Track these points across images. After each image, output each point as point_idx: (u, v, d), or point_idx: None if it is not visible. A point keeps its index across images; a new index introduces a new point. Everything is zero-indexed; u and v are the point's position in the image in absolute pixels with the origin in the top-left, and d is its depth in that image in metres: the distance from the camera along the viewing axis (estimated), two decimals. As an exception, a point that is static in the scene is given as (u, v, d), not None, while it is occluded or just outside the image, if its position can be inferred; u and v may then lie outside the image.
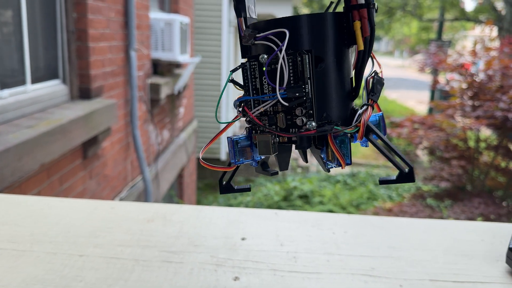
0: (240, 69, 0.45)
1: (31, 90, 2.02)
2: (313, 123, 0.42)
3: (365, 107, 0.44)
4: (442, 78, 5.29)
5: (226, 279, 0.58)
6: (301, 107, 0.43)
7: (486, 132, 4.56)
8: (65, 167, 2.12)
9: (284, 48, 0.42)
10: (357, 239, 0.70)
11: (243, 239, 0.69)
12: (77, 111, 2.12)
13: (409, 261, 0.64)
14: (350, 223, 0.76)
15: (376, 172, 7.35)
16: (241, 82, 0.46)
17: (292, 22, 0.43)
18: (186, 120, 4.83)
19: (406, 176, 0.44)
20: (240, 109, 0.46)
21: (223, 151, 7.18)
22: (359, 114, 0.44)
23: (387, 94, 13.63)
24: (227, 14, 6.71)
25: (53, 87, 2.22)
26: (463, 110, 4.24)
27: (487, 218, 3.75)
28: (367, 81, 0.46)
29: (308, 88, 0.42)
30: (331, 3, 0.48)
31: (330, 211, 5.17)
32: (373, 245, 0.69)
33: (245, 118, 0.46)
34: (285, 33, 0.42)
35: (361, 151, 9.83)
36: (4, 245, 0.65)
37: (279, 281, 0.58)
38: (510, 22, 9.34)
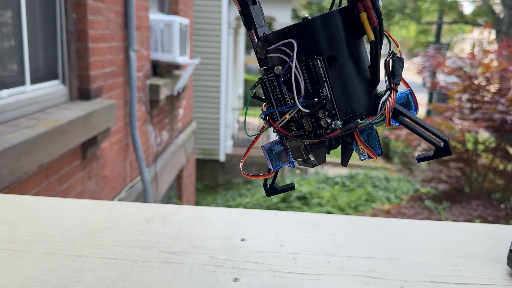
0: (260, 83, 0.46)
1: (30, 91, 2.02)
2: (338, 122, 0.43)
3: (388, 92, 0.45)
4: (441, 81, 5.29)
5: (225, 280, 0.58)
6: (323, 110, 0.44)
7: (484, 135, 4.57)
8: (64, 167, 2.11)
9: (294, 58, 0.42)
10: (357, 241, 0.70)
11: (242, 240, 0.68)
12: (76, 112, 2.11)
13: (409, 262, 0.64)
14: (350, 224, 0.76)
15: (374, 174, 7.35)
16: (262, 95, 0.47)
17: (299, 29, 0.43)
18: (185, 121, 4.83)
19: (442, 150, 0.44)
20: (266, 121, 0.47)
21: (222, 153, 7.18)
22: (382, 102, 0.44)
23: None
24: (227, 15, 6.72)
25: (53, 88, 2.21)
26: (461, 113, 4.25)
27: (485, 220, 3.75)
28: (386, 64, 0.46)
29: (326, 90, 0.43)
30: (334, 0, 0.48)
31: (329, 212, 5.16)
32: (373, 246, 0.68)
33: (273, 130, 0.48)
34: (293, 43, 0.42)
35: (359, 153, 9.83)
36: (2, 245, 0.65)
37: (279, 282, 0.58)
38: (508, 25, 9.36)
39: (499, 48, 4.57)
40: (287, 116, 0.45)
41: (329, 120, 0.44)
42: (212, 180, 7.36)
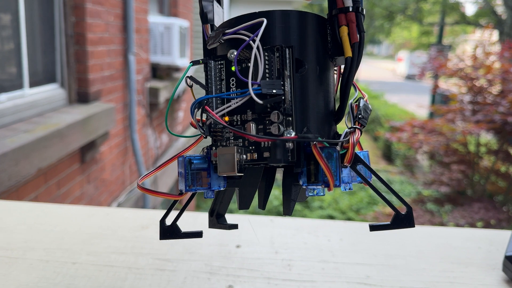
0: (204, 66, 0.39)
1: (29, 94, 2.02)
2: (292, 132, 0.35)
3: (352, 129, 0.39)
4: (442, 83, 5.29)
5: (219, 287, 0.58)
6: (278, 111, 0.35)
7: (486, 137, 4.56)
8: (62, 171, 2.11)
9: (259, 36, 0.35)
10: (353, 247, 0.70)
11: (238, 246, 0.68)
12: (75, 115, 2.12)
13: (405, 269, 0.64)
14: (346, 230, 0.75)
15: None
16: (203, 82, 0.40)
17: (267, 17, 0.37)
18: (185, 124, 4.83)
19: (403, 220, 0.38)
20: (199, 111, 0.39)
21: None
22: (346, 132, 0.38)
23: (388, 98, 13.63)
24: (227, 18, 6.72)
25: (51, 91, 2.21)
26: (463, 115, 4.24)
27: (487, 223, 3.74)
28: (351, 107, 0.41)
29: (288, 87, 0.36)
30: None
31: (330, 216, 5.16)
32: (369, 252, 0.68)
33: (205, 122, 0.39)
34: (261, 23, 0.36)
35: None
36: (-4, 253, 0.64)
37: (273, 290, 0.58)
38: (510, 26, 9.35)
39: (501, 50, 4.56)
40: (226, 111, 0.37)
41: (281, 128, 0.35)
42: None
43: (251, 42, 0.36)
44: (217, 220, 0.43)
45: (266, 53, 0.36)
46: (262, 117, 0.36)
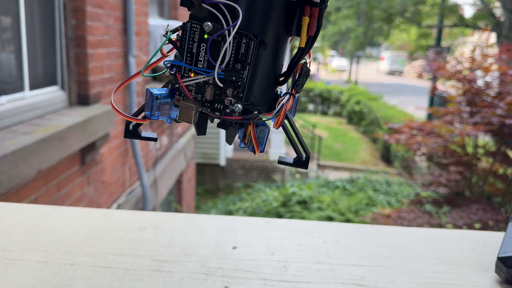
0: (181, 29, 0.44)
1: (29, 97, 2.03)
2: (239, 106, 0.43)
3: (288, 96, 0.45)
4: (440, 85, 5.30)
5: (215, 288, 0.58)
6: (233, 90, 0.43)
7: (484, 139, 4.57)
8: (62, 173, 2.12)
9: (235, 29, 0.40)
10: (348, 248, 0.70)
11: (234, 248, 0.69)
12: (75, 118, 2.12)
13: (399, 270, 0.64)
14: (341, 232, 0.76)
15: (375, 178, 7.34)
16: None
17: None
18: (185, 125, 4.83)
19: (302, 162, 0.47)
20: (172, 72, 0.45)
21: (222, 157, 7.18)
22: (282, 104, 0.45)
23: (387, 100, 13.65)
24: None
25: (51, 94, 2.22)
26: (461, 117, 4.25)
27: (485, 225, 3.74)
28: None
29: (246, 73, 0.42)
30: None
31: (329, 217, 5.16)
32: (364, 254, 0.69)
33: (172, 83, 0.45)
34: (238, 10, 0.40)
35: (360, 156, 9.84)
36: (-4, 254, 0.65)
37: (269, 291, 0.58)
38: (508, 28, 9.37)
39: (499, 52, 4.58)
40: (196, 80, 0.43)
41: (233, 100, 0.43)
42: (212, 185, 7.37)
43: (226, 31, 0.41)
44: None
45: (236, 37, 0.41)
46: (221, 87, 0.43)
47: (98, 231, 0.73)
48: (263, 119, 0.44)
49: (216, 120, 0.47)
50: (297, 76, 0.46)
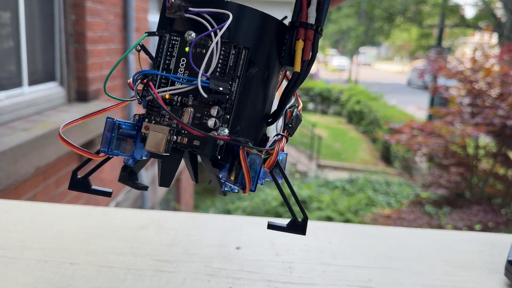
0: (157, 37, 0.38)
1: (28, 93, 2.01)
2: (226, 130, 0.36)
3: (280, 136, 0.40)
4: (441, 85, 5.29)
5: (219, 289, 0.57)
6: (219, 107, 0.36)
7: (485, 139, 4.56)
8: (61, 170, 2.11)
9: (222, 31, 0.36)
10: (354, 249, 0.69)
11: (238, 248, 0.68)
12: (74, 114, 2.11)
13: (406, 272, 0.63)
14: (347, 233, 0.75)
15: (374, 178, 7.34)
16: (153, 54, 0.39)
17: (235, 9, 0.37)
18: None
19: (298, 226, 0.41)
20: (141, 84, 0.38)
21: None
22: (274, 140, 0.39)
23: (387, 99, 13.65)
24: (227, 18, 6.72)
25: (50, 90, 2.21)
26: (462, 117, 4.24)
27: (485, 226, 3.74)
28: (286, 113, 0.42)
29: (234, 88, 0.37)
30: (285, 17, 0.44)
31: (328, 217, 5.16)
32: (370, 255, 0.67)
33: (142, 99, 0.38)
34: (226, 16, 0.36)
35: (360, 156, 9.83)
36: (-6, 252, 0.64)
37: (274, 292, 0.57)
38: (510, 29, 9.37)
39: (500, 53, 4.57)
40: (168, 95, 0.37)
41: (218, 123, 0.36)
42: (211, 183, 7.34)
43: (212, 34, 0.36)
44: (129, 177, 0.43)
45: (223, 47, 0.36)
46: (202, 107, 0.37)
47: (98, 230, 0.72)
48: (256, 147, 0.38)
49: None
50: (288, 118, 0.41)
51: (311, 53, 0.39)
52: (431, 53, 5.95)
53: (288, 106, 0.42)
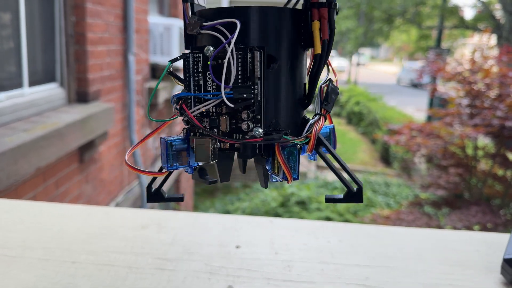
0: (182, 60, 0.41)
1: (28, 93, 2.02)
2: (260, 130, 0.38)
3: (317, 117, 0.41)
4: (441, 86, 5.30)
5: (219, 287, 0.58)
6: (248, 111, 0.38)
7: (484, 140, 4.57)
8: (61, 171, 2.11)
9: (233, 41, 0.37)
10: (353, 248, 0.70)
11: (237, 247, 0.68)
12: (74, 115, 2.11)
13: (404, 271, 0.64)
14: (345, 232, 0.76)
15: (374, 179, 7.34)
16: (182, 76, 0.41)
17: (244, 13, 0.38)
18: (184, 125, 4.82)
19: (353, 195, 0.41)
20: (178, 106, 0.41)
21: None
22: (310, 124, 0.41)
23: (386, 100, 13.65)
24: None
25: (51, 91, 2.21)
26: (460, 118, 4.25)
27: (484, 227, 3.74)
28: (321, 89, 0.42)
29: (258, 89, 0.38)
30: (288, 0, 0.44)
31: (328, 217, 5.16)
32: (368, 254, 0.68)
33: (182, 118, 0.41)
34: (235, 24, 0.37)
35: (359, 157, 9.84)
36: (-4, 251, 0.64)
37: (273, 291, 0.58)
38: (508, 30, 9.38)
39: (499, 54, 4.57)
40: (203, 110, 0.39)
41: (251, 125, 0.38)
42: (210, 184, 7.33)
43: (226, 45, 0.37)
44: (200, 174, 0.45)
45: (240, 53, 0.38)
46: (234, 112, 0.39)
47: (99, 229, 0.73)
48: (289, 139, 0.39)
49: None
50: (324, 94, 0.42)
51: (329, 31, 0.40)
52: (430, 54, 5.95)
53: (322, 82, 0.43)
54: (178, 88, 3.96)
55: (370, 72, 31.48)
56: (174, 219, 0.78)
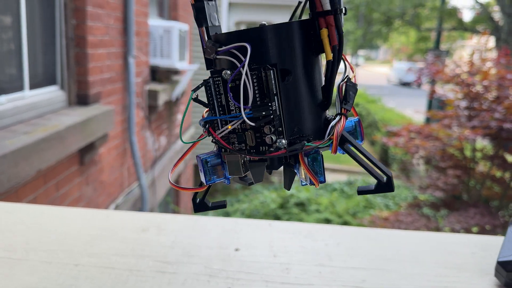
0: (204, 86, 0.43)
1: (29, 96, 2.03)
2: (283, 141, 0.41)
3: (338, 117, 0.43)
4: (439, 88, 5.32)
5: (219, 290, 0.59)
6: (269, 125, 0.41)
7: (482, 142, 4.58)
8: (61, 173, 2.12)
9: (246, 64, 0.39)
10: (350, 251, 0.71)
11: (236, 249, 0.69)
12: (75, 117, 2.13)
13: (400, 273, 0.65)
14: (343, 235, 0.77)
15: (373, 181, 7.35)
16: (205, 100, 0.44)
17: (255, 33, 0.40)
18: (183, 126, 4.83)
19: (384, 186, 0.43)
20: (206, 129, 0.44)
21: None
22: (331, 127, 0.42)
23: (385, 102, 13.67)
24: (226, 21, 6.74)
25: (51, 93, 2.22)
26: (459, 120, 4.26)
27: (482, 229, 3.75)
28: (339, 88, 0.44)
29: (275, 105, 0.40)
30: (296, 9, 0.45)
31: (327, 219, 5.17)
32: (365, 257, 0.69)
33: (211, 139, 0.44)
34: (247, 48, 0.40)
35: (358, 159, 9.82)
36: (-1, 254, 0.65)
37: (272, 293, 0.59)
38: (507, 32, 9.40)
39: (497, 56, 4.59)
40: (229, 127, 0.42)
41: (274, 138, 0.41)
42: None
43: (240, 69, 0.40)
44: (239, 177, 0.47)
45: (254, 73, 0.40)
46: (258, 127, 0.42)
47: (100, 232, 0.74)
48: (311, 146, 0.41)
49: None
50: (342, 93, 0.43)
51: (337, 36, 0.41)
52: (428, 56, 5.97)
53: (339, 80, 0.44)
54: (178, 89, 3.95)
55: (367, 73, 31.55)
56: (174, 222, 0.79)
